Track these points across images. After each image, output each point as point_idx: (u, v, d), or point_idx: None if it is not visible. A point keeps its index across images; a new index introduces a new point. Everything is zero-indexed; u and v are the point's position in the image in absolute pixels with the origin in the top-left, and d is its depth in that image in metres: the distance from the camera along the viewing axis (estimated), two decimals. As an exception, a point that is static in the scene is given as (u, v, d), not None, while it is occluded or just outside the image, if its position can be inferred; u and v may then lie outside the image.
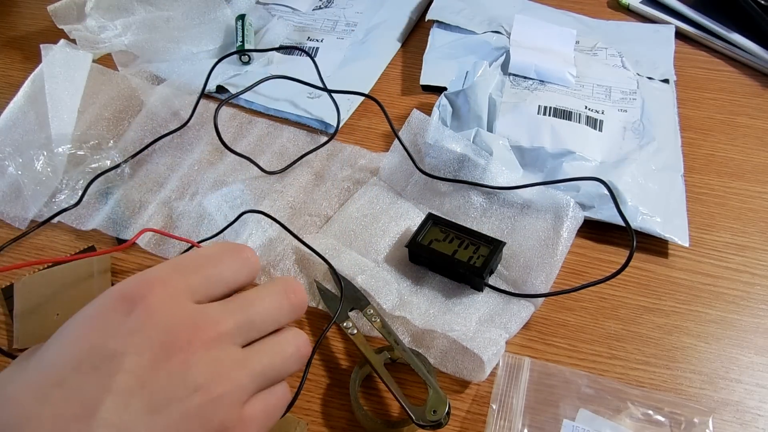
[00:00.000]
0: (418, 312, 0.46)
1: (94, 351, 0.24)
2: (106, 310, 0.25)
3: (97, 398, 0.23)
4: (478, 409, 0.42)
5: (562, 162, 0.55)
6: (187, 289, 0.27)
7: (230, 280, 0.29)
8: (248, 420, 0.26)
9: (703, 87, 0.67)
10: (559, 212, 0.49)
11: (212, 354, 0.26)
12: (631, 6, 0.77)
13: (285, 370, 0.29)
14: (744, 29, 0.70)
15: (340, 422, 0.42)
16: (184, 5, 0.72)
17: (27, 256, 0.51)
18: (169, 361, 0.25)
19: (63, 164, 0.56)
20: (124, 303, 0.25)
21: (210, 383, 0.25)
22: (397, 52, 0.72)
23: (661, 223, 0.51)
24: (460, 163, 0.53)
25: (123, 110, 0.62)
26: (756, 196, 0.56)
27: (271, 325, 0.29)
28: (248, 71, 0.67)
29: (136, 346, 0.24)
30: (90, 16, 0.70)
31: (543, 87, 0.63)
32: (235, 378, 0.26)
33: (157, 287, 0.26)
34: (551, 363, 0.44)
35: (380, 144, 0.60)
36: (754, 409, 0.42)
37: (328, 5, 0.78)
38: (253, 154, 0.58)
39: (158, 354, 0.25)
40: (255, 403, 0.27)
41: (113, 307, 0.25)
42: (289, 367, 0.29)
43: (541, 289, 0.47)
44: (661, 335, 0.46)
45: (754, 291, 0.49)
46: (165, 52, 0.68)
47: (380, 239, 0.51)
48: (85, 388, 0.23)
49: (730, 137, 0.61)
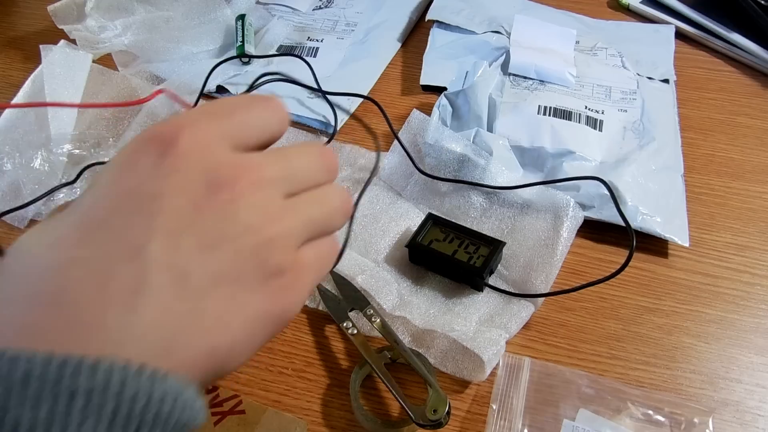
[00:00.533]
0: (418, 312, 0.46)
1: (131, 194, 0.23)
2: (136, 154, 0.24)
3: (144, 238, 0.22)
4: (478, 409, 0.42)
5: (562, 162, 0.55)
6: (221, 133, 0.25)
7: (263, 127, 0.27)
8: (303, 265, 0.26)
9: (703, 87, 0.67)
10: (559, 212, 0.49)
11: (259, 196, 0.24)
12: (631, 6, 0.77)
13: (332, 223, 0.28)
14: (744, 29, 0.70)
15: (340, 422, 0.41)
16: (184, 5, 0.72)
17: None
18: (213, 201, 0.23)
19: (63, 163, 0.56)
20: (155, 146, 0.24)
21: (261, 224, 0.24)
22: (397, 52, 0.72)
23: (661, 223, 0.51)
24: (460, 163, 0.53)
25: (122, 109, 0.62)
26: (756, 196, 0.56)
27: (311, 181, 0.27)
28: (248, 71, 0.67)
29: (174, 187, 0.23)
30: (90, 17, 0.70)
31: (543, 87, 0.63)
32: (286, 221, 0.25)
33: (187, 129, 0.24)
34: (551, 363, 0.44)
35: (380, 144, 0.60)
36: (754, 409, 0.42)
37: (328, 5, 0.78)
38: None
39: (201, 194, 0.23)
40: (307, 250, 0.26)
41: (143, 151, 0.24)
42: (336, 221, 0.28)
43: (541, 289, 0.47)
44: (661, 335, 0.46)
45: (754, 291, 0.49)
46: (165, 52, 0.68)
47: (380, 239, 0.51)
48: (130, 229, 0.22)
49: (730, 137, 0.61)
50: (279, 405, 0.42)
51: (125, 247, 0.22)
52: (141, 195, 0.23)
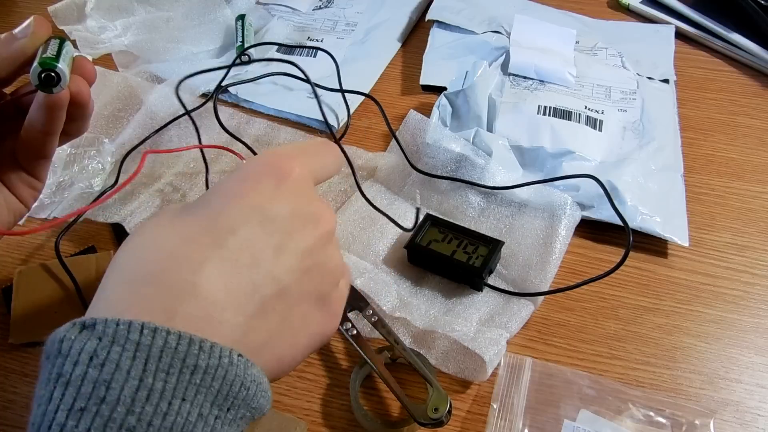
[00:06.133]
0: (418, 313, 0.46)
1: (256, 210, 0.27)
2: (259, 176, 0.28)
3: (261, 251, 0.27)
4: (479, 409, 0.42)
5: (562, 162, 0.55)
6: (311, 171, 0.31)
7: (330, 170, 0.33)
8: (341, 293, 0.32)
9: (703, 87, 0.67)
10: (557, 210, 0.50)
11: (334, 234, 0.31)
12: (631, 6, 0.77)
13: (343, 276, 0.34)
14: (744, 29, 0.70)
15: (340, 422, 0.41)
16: (184, 5, 0.72)
17: (27, 255, 0.51)
18: (310, 230, 0.29)
19: (62, 162, 0.55)
20: (274, 174, 0.29)
21: (332, 257, 0.30)
22: (397, 52, 0.72)
23: (661, 223, 0.51)
24: (458, 162, 0.53)
25: (122, 109, 0.62)
26: (756, 196, 0.56)
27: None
28: (248, 71, 0.66)
29: (286, 213, 0.28)
30: (90, 17, 0.70)
31: (543, 87, 0.63)
32: (340, 259, 0.32)
33: (297, 167, 0.29)
34: (552, 363, 0.44)
35: (379, 144, 0.60)
36: (754, 409, 0.42)
37: (328, 5, 0.78)
38: (250, 154, 0.58)
39: (302, 223, 0.29)
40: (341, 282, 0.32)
41: (265, 174, 0.28)
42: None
43: (540, 287, 0.47)
44: (661, 335, 0.46)
45: (754, 291, 0.49)
46: (165, 53, 0.68)
47: (378, 241, 0.51)
48: (254, 241, 0.27)
49: (730, 137, 0.61)
50: (279, 405, 0.42)
51: (249, 257, 0.26)
52: (264, 212, 0.27)
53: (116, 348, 0.22)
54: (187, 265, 0.25)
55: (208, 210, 0.28)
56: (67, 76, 0.35)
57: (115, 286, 0.26)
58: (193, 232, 0.27)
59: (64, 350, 0.22)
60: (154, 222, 0.28)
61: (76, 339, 0.23)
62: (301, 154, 0.31)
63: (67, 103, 0.36)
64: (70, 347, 0.22)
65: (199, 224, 0.27)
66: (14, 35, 0.36)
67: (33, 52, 0.36)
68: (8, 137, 0.39)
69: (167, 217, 0.28)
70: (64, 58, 0.35)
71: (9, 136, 0.39)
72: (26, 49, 0.36)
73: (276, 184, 0.28)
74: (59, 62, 0.35)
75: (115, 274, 0.26)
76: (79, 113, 0.38)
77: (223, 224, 0.27)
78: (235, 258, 0.26)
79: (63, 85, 0.35)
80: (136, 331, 0.22)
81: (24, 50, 0.36)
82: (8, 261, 0.51)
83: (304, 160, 0.30)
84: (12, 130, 0.39)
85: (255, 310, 0.26)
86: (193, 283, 0.25)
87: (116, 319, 0.23)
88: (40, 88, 0.35)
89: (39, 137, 0.38)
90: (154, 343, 0.22)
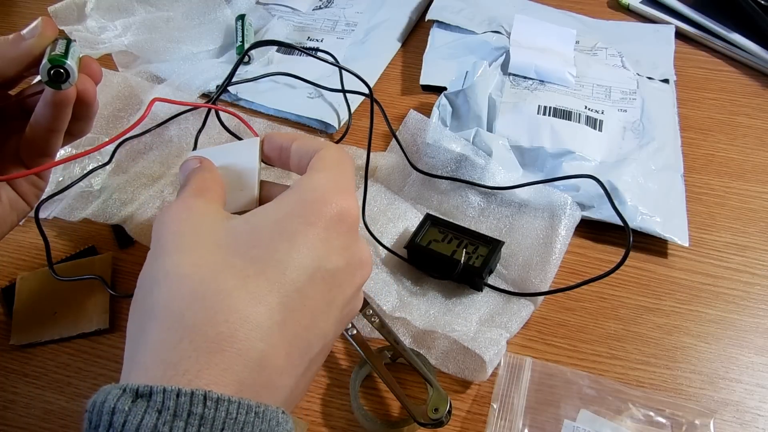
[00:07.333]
0: (418, 313, 0.46)
1: (321, 262, 0.28)
2: (329, 224, 0.29)
3: (320, 309, 0.28)
4: (479, 409, 0.42)
5: (562, 162, 0.55)
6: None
7: None
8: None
9: (703, 87, 0.67)
10: (557, 210, 0.50)
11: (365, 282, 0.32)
12: (631, 6, 0.77)
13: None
14: (744, 29, 0.70)
15: (340, 422, 0.41)
16: (184, 5, 0.72)
17: (27, 255, 0.51)
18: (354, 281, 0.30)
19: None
20: (340, 220, 0.29)
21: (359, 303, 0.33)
22: (397, 52, 0.72)
23: (661, 223, 0.51)
24: (458, 162, 0.53)
25: (122, 109, 0.62)
26: (756, 196, 0.56)
27: None
28: (248, 71, 0.66)
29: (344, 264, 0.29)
30: (90, 17, 0.70)
31: (543, 87, 0.63)
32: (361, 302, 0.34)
33: (354, 208, 0.30)
34: (552, 363, 0.44)
35: (380, 144, 0.60)
36: (754, 409, 0.42)
37: (328, 5, 0.78)
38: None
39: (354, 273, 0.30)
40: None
41: (334, 221, 0.29)
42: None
43: (540, 287, 0.47)
44: (661, 335, 0.46)
45: (754, 291, 0.49)
46: (165, 53, 0.68)
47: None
48: (315, 299, 0.27)
49: (730, 137, 0.61)
50: (279, 405, 0.42)
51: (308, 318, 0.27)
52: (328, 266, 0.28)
53: (179, 423, 0.21)
54: (256, 332, 0.25)
55: (274, 255, 0.27)
56: (75, 73, 0.35)
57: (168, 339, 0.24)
58: (260, 288, 0.26)
59: (116, 424, 0.21)
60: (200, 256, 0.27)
61: (130, 412, 0.21)
62: (352, 185, 0.31)
63: (73, 100, 0.36)
64: (123, 422, 0.21)
65: (266, 278, 0.26)
66: (22, 36, 0.36)
67: (40, 52, 0.36)
68: (12, 137, 0.40)
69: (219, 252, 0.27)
70: (72, 56, 0.35)
71: (13, 136, 0.40)
72: (34, 50, 0.36)
73: (338, 230, 0.29)
74: (68, 59, 0.35)
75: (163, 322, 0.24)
76: (84, 112, 0.38)
77: (290, 280, 0.26)
78: (298, 320, 0.27)
79: (71, 82, 0.35)
80: (199, 403, 0.21)
81: (31, 50, 0.36)
82: (8, 261, 0.51)
83: (354, 193, 0.31)
84: (16, 130, 0.39)
85: (304, 369, 0.27)
86: (262, 351, 0.24)
87: (176, 389, 0.21)
88: (49, 84, 0.35)
89: (44, 135, 0.38)
90: (217, 415, 0.21)
